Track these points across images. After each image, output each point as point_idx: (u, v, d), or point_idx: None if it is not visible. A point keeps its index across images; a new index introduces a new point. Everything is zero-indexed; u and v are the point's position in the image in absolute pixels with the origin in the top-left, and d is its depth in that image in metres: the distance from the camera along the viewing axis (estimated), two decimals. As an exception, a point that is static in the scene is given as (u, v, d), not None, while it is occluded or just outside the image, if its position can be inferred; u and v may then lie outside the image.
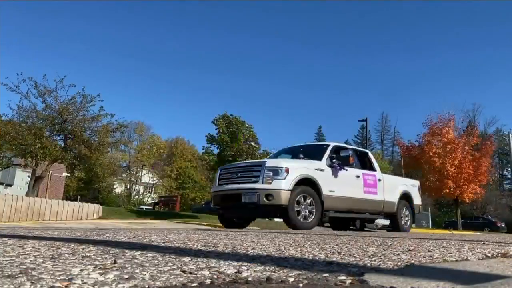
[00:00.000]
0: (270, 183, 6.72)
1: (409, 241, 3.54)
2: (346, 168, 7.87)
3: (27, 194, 17.37)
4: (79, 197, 43.31)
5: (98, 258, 1.75)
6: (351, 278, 1.51)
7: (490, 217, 38.72)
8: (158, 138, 58.02)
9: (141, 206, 40.76)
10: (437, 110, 47.96)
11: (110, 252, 2.01)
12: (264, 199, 6.65)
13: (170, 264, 1.68)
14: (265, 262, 1.85)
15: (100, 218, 14.88)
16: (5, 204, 12.08)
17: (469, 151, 25.24)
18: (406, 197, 9.58)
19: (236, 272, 1.53)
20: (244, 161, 8.73)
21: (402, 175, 38.12)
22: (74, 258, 1.75)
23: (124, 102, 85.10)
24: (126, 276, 1.35)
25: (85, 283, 1.23)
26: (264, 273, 1.54)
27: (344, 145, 8.64)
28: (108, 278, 1.32)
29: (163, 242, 2.73)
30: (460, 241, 3.79)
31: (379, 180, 8.81)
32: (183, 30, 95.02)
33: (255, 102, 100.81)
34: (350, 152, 7.96)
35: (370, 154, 9.39)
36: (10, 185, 45.67)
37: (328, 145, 8.20)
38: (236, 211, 7.49)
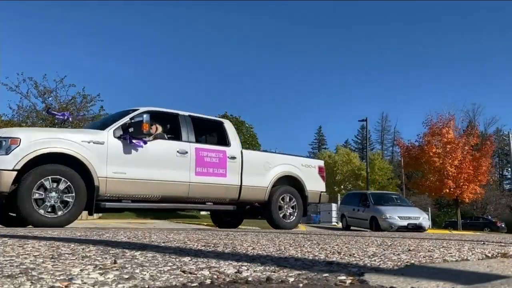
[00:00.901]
0: None
1: (409, 241, 3.55)
2: (148, 140, 5.83)
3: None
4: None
5: (98, 258, 1.75)
6: (351, 278, 1.51)
7: (490, 217, 38.71)
8: (158, 138, 57.98)
9: None
10: (437, 110, 48.00)
11: (110, 252, 2.01)
12: None
13: (170, 264, 1.68)
14: (265, 262, 1.86)
15: (100, 218, 14.89)
16: (5, 204, 12.04)
17: (469, 151, 25.26)
18: (292, 181, 7.33)
19: (236, 272, 1.53)
20: None
21: (402, 176, 38.20)
22: (74, 258, 1.75)
23: (124, 102, 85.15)
24: (126, 276, 1.35)
25: (85, 283, 1.23)
26: (264, 273, 1.54)
27: (163, 109, 6.45)
28: (108, 278, 1.32)
29: (163, 242, 2.74)
30: (460, 241, 3.79)
31: (232, 158, 6.60)
32: (184, 29, 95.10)
33: (254, 102, 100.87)
34: (144, 117, 5.63)
35: (226, 125, 6.99)
36: (10, 185, 45.51)
37: (134, 110, 6.05)
38: None
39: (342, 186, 43.60)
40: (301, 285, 1.37)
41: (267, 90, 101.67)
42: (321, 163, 8.20)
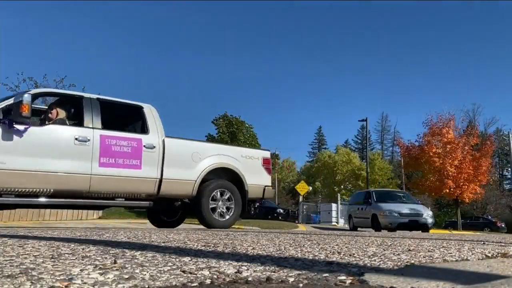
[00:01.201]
0: None
1: (409, 241, 3.55)
2: (40, 125, 5.26)
3: (27, 194, 17.34)
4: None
5: (98, 258, 1.75)
6: (351, 278, 1.51)
7: (490, 217, 38.71)
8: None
9: None
10: (437, 110, 48.03)
11: (110, 252, 2.01)
12: None
13: (170, 264, 1.68)
14: (265, 262, 1.85)
15: (100, 218, 14.89)
16: (5, 204, 12.04)
17: (469, 151, 25.27)
18: (229, 174, 6.52)
19: (236, 272, 1.53)
20: None
21: (402, 176, 38.15)
22: (74, 258, 1.75)
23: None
24: (126, 276, 1.35)
25: (85, 283, 1.23)
26: (264, 273, 1.54)
27: (63, 91, 5.58)
28: (108, 278, 1.32)
29: (163, 242, 2.74)
30: (460, 241, 3.79)
31: (150, 147, 5.81)
32: (186, 28, 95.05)
33: (254, 102, 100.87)
34: (25, 97, 4.84)
35: (145, 110, 6.12)
36: (10, 185, 45.53)
37: (26, 91, 5.37)
38: None
39: (342, 186, 43.65)
40: (301, 285, 1.37)
41: (267, 90, 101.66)
42: (266, 154, 7.10)
